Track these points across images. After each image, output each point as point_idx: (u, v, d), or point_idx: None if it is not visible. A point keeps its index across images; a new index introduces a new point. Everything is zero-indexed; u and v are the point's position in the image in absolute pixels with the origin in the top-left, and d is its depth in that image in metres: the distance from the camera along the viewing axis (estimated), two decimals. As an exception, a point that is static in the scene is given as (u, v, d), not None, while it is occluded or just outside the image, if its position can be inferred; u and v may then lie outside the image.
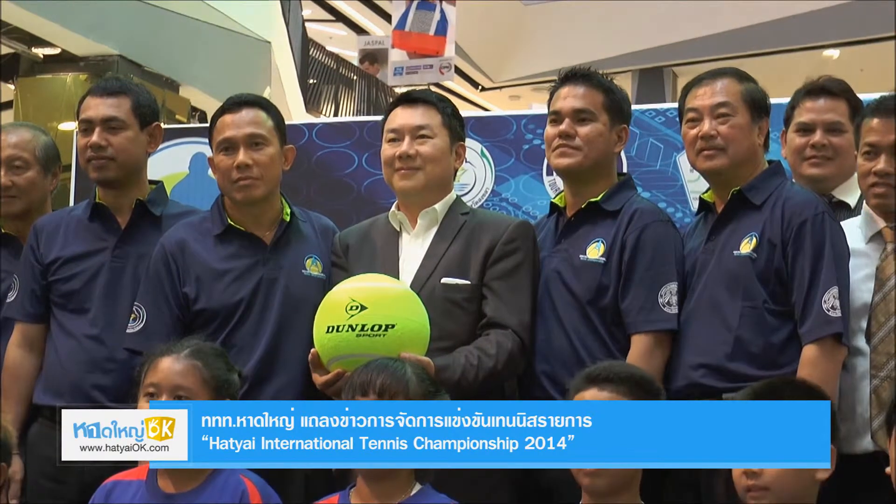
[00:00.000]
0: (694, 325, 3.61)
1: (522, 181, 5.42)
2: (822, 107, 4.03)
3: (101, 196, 4.12)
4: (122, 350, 3.87)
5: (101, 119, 4.05)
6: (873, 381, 3.51)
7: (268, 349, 3.77)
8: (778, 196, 3.62)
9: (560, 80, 3.89)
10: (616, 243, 3.70)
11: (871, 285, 3.59)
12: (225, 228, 3.90)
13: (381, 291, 3.52)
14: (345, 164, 5.56)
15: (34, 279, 4.06)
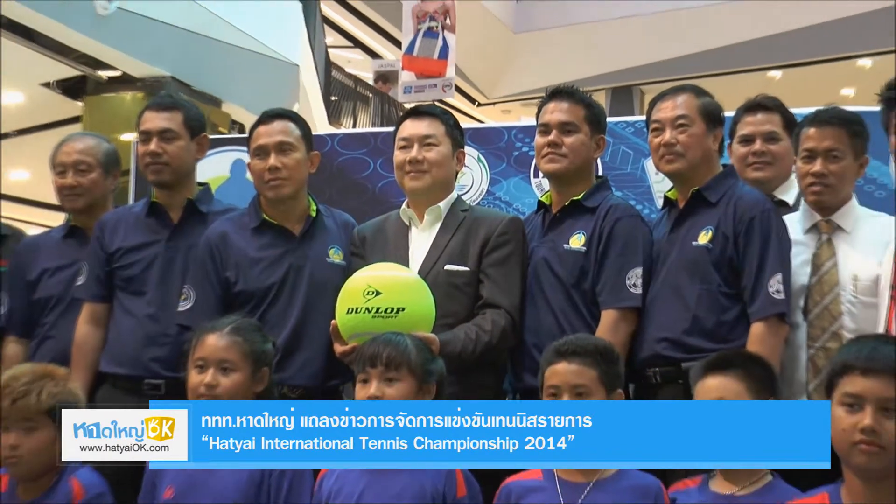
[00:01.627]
0: (657, 305, 3.61)
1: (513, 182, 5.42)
2: (759, 120, 4.06)
3: (157, 196, 4.12)
4: (174, 326, 3.87)
5: (158, 130, 4.05)
6: (809, 351, 3.54)
7: (296, 326, 3.77)
8: (731, 195, 3.62)
9: (547, 96, 3.89)
10: (594, 234, 3.69)
11: (808, 269, 3.61)
12: (260, 222, 3.90)
13: (393, 279, 3.51)
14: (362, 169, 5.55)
15: (99, 266, 4.05)
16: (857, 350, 2.71)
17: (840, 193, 3.65)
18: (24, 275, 4.27)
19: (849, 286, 3.54)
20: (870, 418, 2.58)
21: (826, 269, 3.59)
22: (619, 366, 3.18)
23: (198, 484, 3.31)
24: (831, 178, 3.60)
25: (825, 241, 3.65)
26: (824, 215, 3.67)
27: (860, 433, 2.58)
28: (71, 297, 4.15)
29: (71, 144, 4.37)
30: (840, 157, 3.62)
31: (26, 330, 4.25)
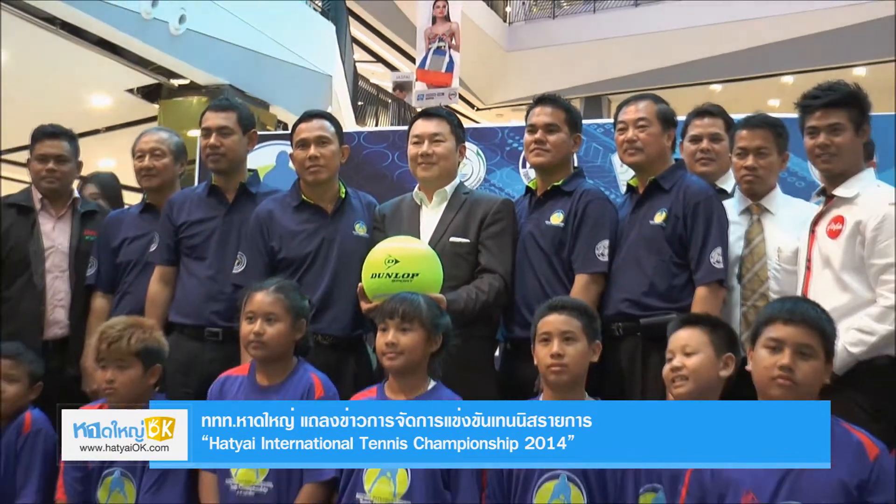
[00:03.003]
0: (620, 272, 3.59)
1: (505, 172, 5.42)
2: (706, 123, 4.05)
3: (215, 180, 4.10)
4: (230, 285, 3.85)
5: (216, 127, 4.03)
6: (742, 308, 3.55)
7: (327, 287, 3.75)
8: (681, 183, 3.61)
9: (534, 102, 3.87)
10: (571, 213, 3.68)
11: (742, 243, 3.62)
12: (300, 202, 3.88)
13: (409, 250, 3.51)
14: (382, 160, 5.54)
15: (168, 236, 4.03)
16: (781, 305, 2.75)
17: (767, 183, 3.69)
18: (108, 243, 4.26)
19: (774, 257, 3.56)
20: (788, 358, 2.61)
21: (756, 243, 3.61)
22: (597, 322, 3.17)
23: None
24: (760, 170, 3.65)
25: (755, 220, 3.67)
26: (754, 200, 3.70)
27: (779, 370, 2.61)
28: (145, 261, 4.14)
29: (148, 135, 4.37)
30: (767, 154, 3.66)
31: (110, 287, 4.24)
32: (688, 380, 2.94)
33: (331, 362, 3.60)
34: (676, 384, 2.95)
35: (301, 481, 3.22)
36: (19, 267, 4.22)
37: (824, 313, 2.73)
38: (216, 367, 3.61)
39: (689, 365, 2.94)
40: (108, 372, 3.41)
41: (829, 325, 2.71)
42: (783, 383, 2.61)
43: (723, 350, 3.00)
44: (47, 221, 4.32)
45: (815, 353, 2.63)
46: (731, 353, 3.02)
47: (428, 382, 3.22)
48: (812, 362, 2.62)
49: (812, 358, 2.62)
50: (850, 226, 3.24)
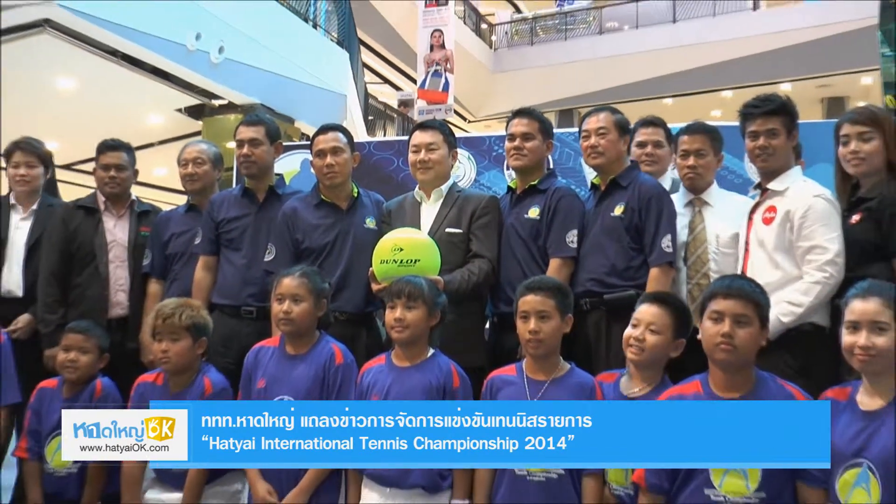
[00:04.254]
0: (587, 256, 3.57)
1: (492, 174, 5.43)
2: (651, 132, 4.02)
3: (248, 183, 4.07)
4: (262, 271, 3.83)
5: (248, 139, 4.01)
6: (688, 286, 3.54)
7: (343, 272, 3.73)
8: (636, 181, 3.59)
9: (513, 114, 3.85)
10: (545, 207, 3.66)
11: (687, 231, 3.61)
12: (319, 200, 3.86)
13: (412, 240, 3.49)
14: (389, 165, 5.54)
15: (210, 230, 4.01)
16: (721, 282, 2.75)
17: (706, 179, 3.69)
18: (160, 237, 4.23)
19: (713, 242, 3.56)
20: (728, 327, 2.61)
21: (698, 231, 3.60)
22: (570, 298, 3.13)
23: (280, 378, 3.28)
24: (699, 169, 3.66)
25: (697, 212, 3.66)
26: (696, 194, 3.69)
27: (721, 337, 2.61)
28: (191, 252, 4.11)
29: (191, 147, 4.36)
30: (705, 155, 3.67)
31: (162, 274, 4.21)
32: (644, 351, 2.92)
33: (347, 334, 3.58)
34: (634, 350, 2.94)
35: None
36: (87, 258, 4.19)
37: (758, 287, 2.73)
38: (252, 339, 3.58)
39: (649, 340, 2.92)
40: (163, 344, 3.40)
41: (763, 297, 2.70)
42: (725, 348, 2.60)
43: (679, 334, 2.97)
44: (109, 220, 4.30)
45: (750, 322, 2.62)
46: (683, 339, 2.99)
47: (428, 351, 3.20)
48: (748, 329, 2.62)
49: (748, 325, 2.62)
50: (782, 214, 3.24)
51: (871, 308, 2.50)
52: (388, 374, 3.16)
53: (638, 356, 2.93)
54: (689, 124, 3.80)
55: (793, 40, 19.21)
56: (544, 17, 24.02)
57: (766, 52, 19.47)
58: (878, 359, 2.47)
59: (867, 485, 2.44)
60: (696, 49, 20.19)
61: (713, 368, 2.68)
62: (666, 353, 2.96)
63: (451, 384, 3.10)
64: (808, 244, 3.15)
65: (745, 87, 18.19)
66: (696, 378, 2.73)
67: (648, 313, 2.96)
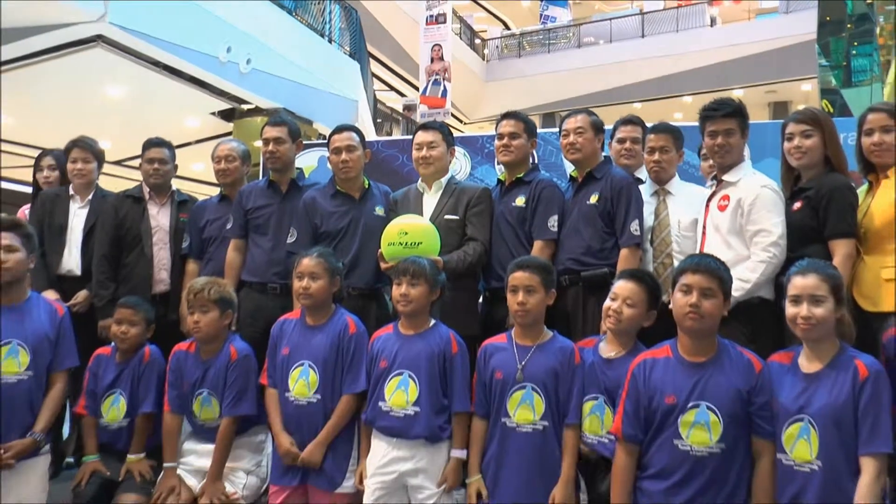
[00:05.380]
0: (566, 239, 3.53)
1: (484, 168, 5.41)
2: (630, 129, 3.96)
3: (273, 176, 4.03)
4: (285, 253, 3.80)
5: (273, 138, 3.98)
6: (654, 264, 3.52)
7: (356, 253, 3.70)
8: (609, 174, 3.55)
9: (501, 116, 3.81)
10: (530, 196, 3.63)
11: (653, 217, 3.59)
12: (335, 191, 3.83)
13: (415, 225, 3.47)
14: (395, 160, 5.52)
15: (240, 217, 3.98)
16: (691, 259, 2.73)
17: (669, 172, 3.67)
18: (196, 223, 4.21)
19: (675, 227, 3.53)
20: (695, 298, 2.60)
21: (662, 217, 3.58)
22: (553, 276, 3.11)
23: (302, 346, 3.27)
24: (664, 163, 3.64)
25: (661, 200, 3.63)
26: (660, 185, 3.67)
27: (689, 307, 2.60)
28: (223, 236, 4.07)
29: (224, 145, 4.31)
30: (668, 151, 3.65)
31: (199, 255, 4.18)
32: (621, 322, 2.90)
33: (359, 307, 3.56)
34: (612, 321, 2.92)
35: (341, 393, 3.21)
36: (134, 241, 4.18)
37: (723, 265, 2.71)
38: (277, 312, 3.55)
39: (626, 313, 2.90)
40: (195, 315, 3.37)
41: (726, 273, 2.69)
42: (692, 317, 2.60)
43: (651, 306, 2.96)
44: (153, 208, 4.27)
45: (715, 294, 2.61)
46: (654, 311, 2.98)
47: (430, 321, 3.18)
48: (713, 300, 2.61)
49: (713, 297, 2.61)
50: (734, 202, 3.23)
51: (810, 283, 2.51)
52: (395, 341, 3.15)
53: (616, 325, 2.92)
54: (654, 125, 3.77)
55: (744, 52, 19.43)
56: (530, 34, 24.09)
57: (720, 62, 19.61)
58: (816, 327, 2.49)
59: (808, 436, 2.45)
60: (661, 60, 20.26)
61: (682, 335, 2.67)
62: (640, 323, 2.95)
63: (450, 350, 3.09)
64: (755, 228, 3.14)
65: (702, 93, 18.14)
66: (667, 343, 2.73)
67: (626, 288, 2.94)
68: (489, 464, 2.96)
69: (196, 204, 4.37)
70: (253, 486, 3.39)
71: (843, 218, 3.06)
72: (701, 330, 2.62)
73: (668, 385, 2.61)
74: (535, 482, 2.86)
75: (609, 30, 22.23)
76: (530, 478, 2.87)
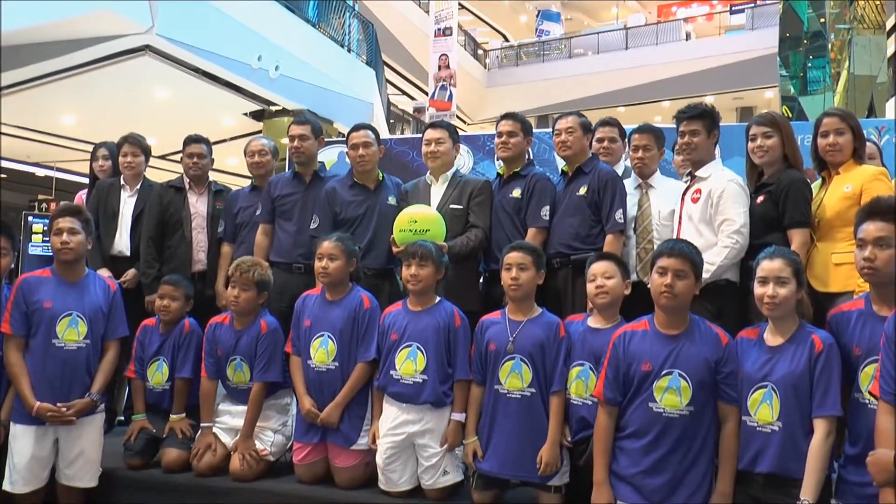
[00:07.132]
0: (557, 226, 3.50)
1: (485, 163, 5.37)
2: (607, 130, 3.89)
3: (298, 169, 4.00)
4: (308, 236, 3.76)
5: (298, 135, 3.95)
6: (637, 249, 3.46)
7: (370, 237, 3.67)
8: (596, 169, 3.51)
9: (500, 117, 3.76)
10: (525, 188, 3.58)
11: (636, 208, 3.53)
12: (353, 183, 3.80)
13: (424, 214, 3.45)
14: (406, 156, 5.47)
15: (269, 204, 3.96)
16: (666, 244, 2.70)
17: (651, 168, 3.60)
18: (230, 210, 4.18)
19: (656, 216, 3.48)
20: (669, 279, 2.58)
21: (644, 207, 3.52)
22: (543, 258, 3.07)
23: (321, 317, 3.26)
24: (646, 160, 3.57)
25: (644, 193, 3.57)
26: (643, 179, 3.60)
27: (664, 287, 2.58)
28: (254, 221, 4.04)
29: (255, 142, 4.27)
30: (650, 149, 3.58)
31: (233, 239, 4.15)
32: (608, 294, 2.88)
33: (373, 285, 3.54)
34: (600, 297, 2.90)
35: (356, 361, 3.20)
36: (176, 226, 4.16)
37: (695, 249, 2.68)
38: (300, 289, 3.53)
39: (609, 285, 2.88)
40: (236, 290, 3.35)
41: (698, 257, 2.66)
42: (667, 295, 2.57)
43: (625, 277, 2.94)
44: (193, 196, 4.25)
45: (687, 275, 2.59)
46: (629, 280, 2.97)
47: (435, 298, 3.16)
48: (685, 281, 2.58)
49: (685, 278, 2.58)
50: (705, 195, 3.21)
51: (776, 266, 2.50)
52: (405, 316, 3.13)
53: (605, 300, 2.88)
54: (639, 126, 3.70)
55: (715, 64, 19.56)
56: (526, 45, 24.11)
57: (695, 72, 19.69)
58: (780, 305, 2.48)
59: (770, 401, 2.44)
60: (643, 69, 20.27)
61: (658, 311, 2.65)
62: (622, 291, 2.92)
63: (454, 324, 3.08)
64: (721, 217, 3.13)
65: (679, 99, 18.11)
66: (645, 318, 2.71)
67: (600, 266, 2.92)
68: (483, 426, 2.95)
69: (230, 193, 4.34)
70: (279, 444, 3.40)
71: (800, 209, 3.06)
72: (674, 307, 2.59)
73: (644, 354, 2.60)
74: (524, 443, 2.85)
75: (597, 42, 22.35)
76: (520, 439, 2.86)
